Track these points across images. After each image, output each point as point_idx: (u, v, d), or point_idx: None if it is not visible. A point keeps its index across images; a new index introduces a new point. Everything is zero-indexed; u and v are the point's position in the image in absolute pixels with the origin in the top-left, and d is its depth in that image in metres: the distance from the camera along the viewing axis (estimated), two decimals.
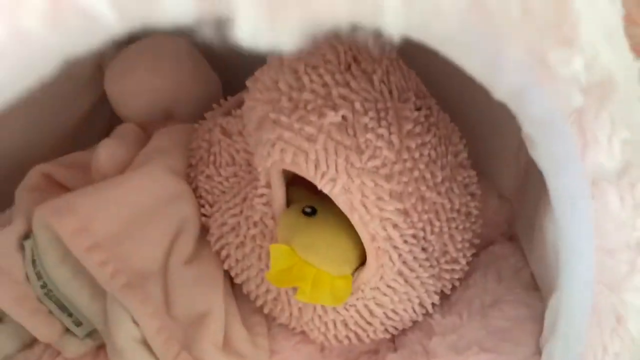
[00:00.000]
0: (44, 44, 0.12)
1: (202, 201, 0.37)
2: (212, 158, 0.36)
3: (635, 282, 0.21)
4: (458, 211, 0.33)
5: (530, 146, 0.21)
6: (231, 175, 0.36)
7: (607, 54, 0.17)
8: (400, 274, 0.32)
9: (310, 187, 0.31)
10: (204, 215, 0.37)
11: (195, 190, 0.37)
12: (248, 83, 0.34)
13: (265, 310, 0.35)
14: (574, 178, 0.20)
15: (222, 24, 0.12)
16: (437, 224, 0.32)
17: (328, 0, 0.12)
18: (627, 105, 0.18)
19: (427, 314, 0.35)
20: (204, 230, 0.37)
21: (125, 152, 0.38)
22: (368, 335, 0.34)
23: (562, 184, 0.20)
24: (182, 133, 0.40)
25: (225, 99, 0.40)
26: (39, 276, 0.34)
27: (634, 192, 0.20)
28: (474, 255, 0.37)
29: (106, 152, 0.37)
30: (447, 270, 0.34)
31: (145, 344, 0.33)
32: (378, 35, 0.13)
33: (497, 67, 0.16)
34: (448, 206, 0.32)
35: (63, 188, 0.38)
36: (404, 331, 0.36)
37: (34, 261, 0.34)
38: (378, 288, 0.32)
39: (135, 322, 0.33)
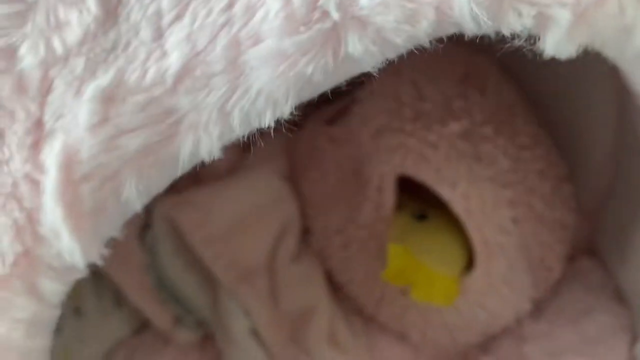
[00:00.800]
0: None
1: (306, 204, 0.39)
2: (318, 163, 0.38)
3: None
4: (559, 222, 0.35)
5: None
6: (336, 181, 0.38)
7: None
8: (505, 280, 0.33)
9: (416, 195, 0.33)
10: (306, 217, 0.39)
11: (298, 193, 0.39)
12: (361, 94, 0.36)
13: (368, 310, 0.37)
14: None
15: None
16: (540, 232, 0.34)
17: None
18: None
19: (517, 321, 0.37)
20: (306, 232, 0.39)
21: (232, 155, 0.41)
22: (465, 338, 0.36)
23: None
24: (286, 140, 0.42)
25: (326, 104, 0.42)
26: (155, 266, 0.36)
27: None
28: None
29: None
30: (543, 278, 0.36)
31: (255, 333, 0.35)
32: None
33: None
34: (551, 217, 0.34)
35: (174, 189, 0.40)
36: (492, 337, 0.38)
37: (152, 251, 0.36)
38: (483, 292, 0.34)
39: (247, 313, 0.35)
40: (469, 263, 0.34)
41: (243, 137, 0.44)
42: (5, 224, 0.12)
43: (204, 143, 0.13)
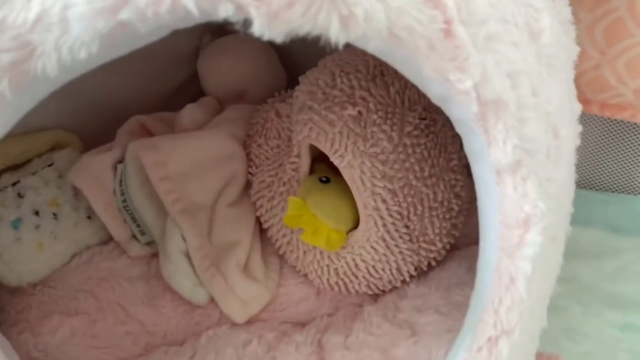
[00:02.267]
0: None
1: (251, 163, 0.48)
2: (264, 132, 0.47)
3: (523, 251, 0.29)
4: (441, 203, 0.42)
5: (463, 145, 0.30)
6: (275, 146, 0.47)
7: (500, 84, 0.26)
8: (383, 239, 0.41)
9: (329, 164, 0.41)
10: (250, 173, 0.47)
11: (247, 154, 0.48)
12: (300, 78, 0.44)
13: (280, 252, 0.45)
14: (485, 168, 0.29)
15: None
16: (419, 208, 0.41)
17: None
18: (519, 122, 0.27)
19: (404, 282, 0.44)
20: (248, 185, 0.48)
21: (203, 116, 0.50)
22: (354, 287, 0.44)
23: (479, 171, 0.29)
24: (247, 111, 0.51)
25: (286, 91, 0.51)
26: (122, 193, 0.46)
27: (524, 184, 0.28)
28: (454, 247, 0.46)
29: (189, 112, 0.49)
30: (424, 249, 0.43)
31: (187, 255, 0.44)
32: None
33: (423, 80, 0.25)
34: (431, 197, 0.41)
35: (151, 135, 0.50)
36: (384, 292, 0.45)
37: (121, 181, 0.46)
38: (364, 247, 0.41)
39: (183, 238, 0.44)
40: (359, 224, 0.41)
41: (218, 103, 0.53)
42: None
43: (48, 64, 0.21)
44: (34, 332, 0.41)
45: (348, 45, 0.22)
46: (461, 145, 0.45)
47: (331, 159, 0.40)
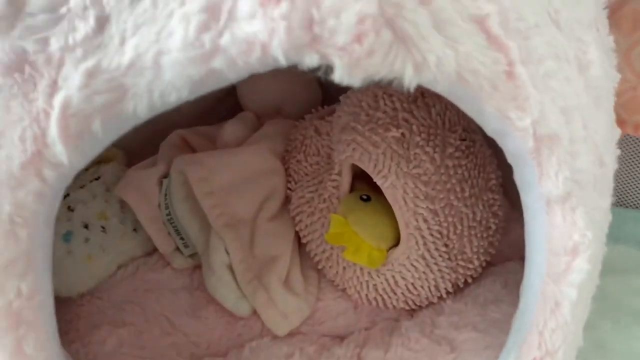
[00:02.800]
0: None
1: (290, 178, 0.49)
2: (303, 148, 0.49)
3: (569, 278, 0.31)
4: (479, 222, 0.43)
5: (514, 174, 0.31)
6: (314, 163, 0.48)
7: (555, 120, 0.27)
8: (423, 257, 0.42)
9: (369, 182, 0.43)
10: (289, 189, 0.49)
11: (286, 169, 0.49)
12: (341, 98, 0.46)
13: (319, 266, 0.47)
14: (535, 197, 0.30)
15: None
16: (459, 227, 0.42)
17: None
18: (571, 155, 0.28)
19: (441, 298, 0.46)
20: (287, 200, 0.49)
21: (243, 131, 0.51)
22: (392, 303, 0.45)
23: (528, 200, 0.31)
24: (286, 126, 0.52)
25: (323, 108, 0.52)
26: (166, 206, 0.47)
27: (573, 214, 0.29)
28: (490, 264, 0.47)
29: (231, 128, 0.50)
30: (462, 266, 0.44)
31: (230, 268, 0.45)
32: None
33: (484, 116, 0.26)
34: (471, 216, 0.42)
35: (192, 149, 0.52)
36: (420, 308, 0.46)
37: (165, 195, 0.47)
38: (404, 265, 0.42)
39: (226, 251, 0.45)
40: (399, 241, 0.43)
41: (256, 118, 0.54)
42: (29, 134, 0.23)
43: (139, 106, 0.22)
44: (84, 342, 0.43)
45: None
46: (498, 164, 0.47)
47: (374, 179, 0.41)
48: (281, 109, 0.55)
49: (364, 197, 0.43)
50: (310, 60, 0.20)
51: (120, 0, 0.22)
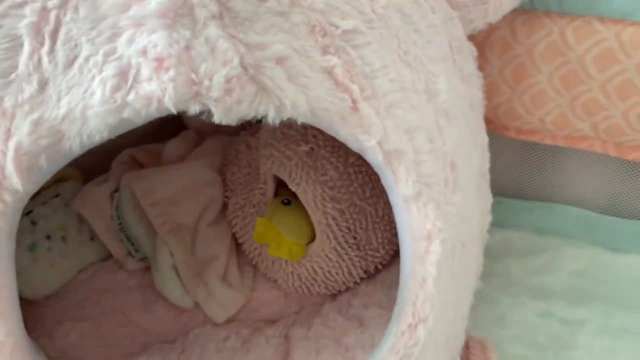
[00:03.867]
0: None
1: (226, 188, 0.57)
2: (237, 161, 0.56)
3: (429, 258, 0.39)
4: (382, 217, 0.51)
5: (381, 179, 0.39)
6: (246, 174, 0.56)
7: (398, 139, 0.35)
8: (335, 249, 0.50)
9: (289, 188, 0.51)
10: (226, 197, 0.57)
11: (223, 180, 0.57)
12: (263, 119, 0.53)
13: (253, 262, 0.55)
14: (396, 196, 0.38)
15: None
16: (364, 222, 0.50)
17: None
18: (416, 164, 0.36)
19: (356, 283, 0.54)
20: (224, 207, 0.57)
21: (184, 148, 0.59)
22: (314, 289, 0.53)
23: (393, 199, 0.39)
24: (223, 142, 0.60)
25: (256, 124, 0.60)
26: (118, 217, 0.55)
27: (425, 208, 0.38)
28: (397, 252, 0.55)
29: (173, 146, 0.58)
30: (370, 255, 0.52)
31: (175, 268, 0.53)
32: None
33: (343, 138, 0.35)
34: (374, 213, 0.51)
35: (141, 165, 0.59)
36: (340, 292, 0.55)
37: (117, 207, 0.55)
38: (320, 256, 0.51)
39: (171, 254, 0.53)
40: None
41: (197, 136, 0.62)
42: None
43: (73, 145, 0.30)
44: (50, 336, 0.50)
45: None
46: None
47: (289, 186, 0.49)
48: (220, 126, 0.63)
49: (285, 201, 0.51)
50: (194, 109, 0.28)
51: (55, 68, 0.30)
